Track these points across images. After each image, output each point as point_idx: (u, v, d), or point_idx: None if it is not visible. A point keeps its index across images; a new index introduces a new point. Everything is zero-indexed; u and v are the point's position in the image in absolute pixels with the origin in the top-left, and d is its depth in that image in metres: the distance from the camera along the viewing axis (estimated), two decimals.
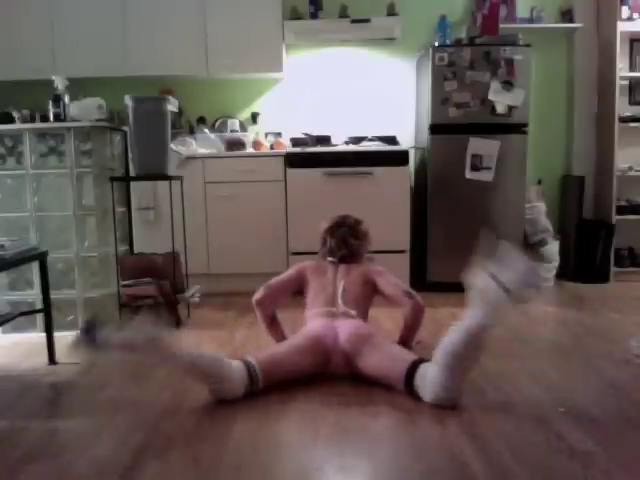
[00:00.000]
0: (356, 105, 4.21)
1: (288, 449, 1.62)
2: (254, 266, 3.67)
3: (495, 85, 3.61)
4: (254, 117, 4.22)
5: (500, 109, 3.62)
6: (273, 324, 2.50)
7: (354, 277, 2.36)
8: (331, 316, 2.21)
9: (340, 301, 2.27)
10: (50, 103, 2.97)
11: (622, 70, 3.97)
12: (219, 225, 3.74)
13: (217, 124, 4.18)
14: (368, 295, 2.38)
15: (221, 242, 3.74)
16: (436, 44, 3.75)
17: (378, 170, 3.66)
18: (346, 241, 2.47)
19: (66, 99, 2.98)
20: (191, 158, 3.72)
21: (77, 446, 1.65)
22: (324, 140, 3.90)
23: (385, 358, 1.99)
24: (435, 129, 3.68)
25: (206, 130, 4.01)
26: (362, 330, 2.11)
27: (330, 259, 2.47)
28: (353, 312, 2.23)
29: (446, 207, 3.70)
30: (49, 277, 2.47)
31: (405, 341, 2.31)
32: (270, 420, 1.78)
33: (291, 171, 3.70)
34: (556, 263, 3.94)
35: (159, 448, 1.62)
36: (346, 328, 2.11)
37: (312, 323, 2.22)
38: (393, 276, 2.41)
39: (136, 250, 3.50)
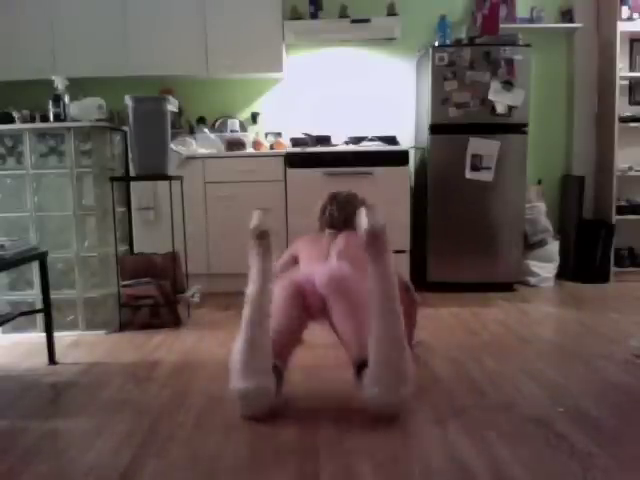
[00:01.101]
0: (356, 105, 4.21)
1: (288, 449, 1.62)
2: None
3: (495, 85, 3.61)
4: (254, 117, 4.22)
5: (500, 109, 3.62)
6: None
7: (353, 242, 2.24)
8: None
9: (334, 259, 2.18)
10: (50, 103, 2.96)
11: (622, 70, 3.97)
12: (219, 225, 3.74)
13: (217, 124, 4.18)
14: (365, 261, 2.31)
15: (221, 242, 3.74)
16: (436, 44, 3.75)
17: (378, 170, 3.66)
18: (345, 207, 2.48)
19: (66, 99, 2.98)
20: (191, 158, 3.72)
21: (77, 446, 1.65)
22: (324, 140, 3.90)
23: (354, 323, 1.86)
24: (435, 129, 3.67)
25: (206, 130, 4.01)
26: (340, 272, 2.00)
27: (329, 231, 2.43)
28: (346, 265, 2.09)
29: (446, 207, 3.70)
30: (49, 277, 2.47)
31: None
32: (270, 420, 1.78)
33: (291, 171, 3.70)
34: (556, 263, 3.94)
35: (159, 448, 1.62)
36: (325, 269, 2.02)
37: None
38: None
39: (136, 250, 3.50)
